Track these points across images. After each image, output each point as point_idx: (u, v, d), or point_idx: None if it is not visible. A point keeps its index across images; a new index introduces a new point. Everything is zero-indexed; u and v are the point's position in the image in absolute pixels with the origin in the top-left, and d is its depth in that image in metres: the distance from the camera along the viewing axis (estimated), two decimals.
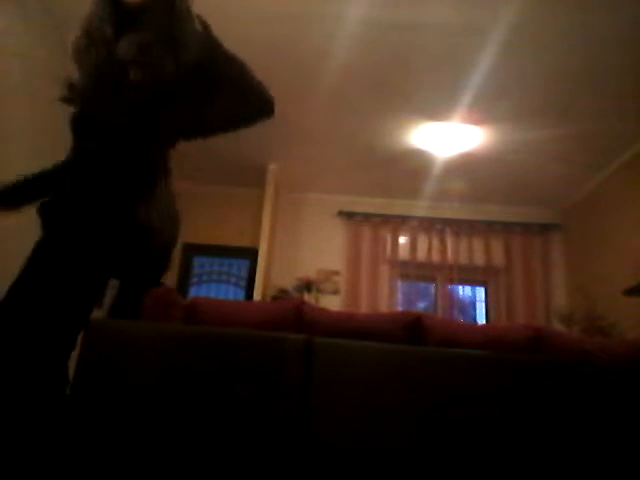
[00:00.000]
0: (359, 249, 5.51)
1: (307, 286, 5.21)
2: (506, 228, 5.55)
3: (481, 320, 5.57)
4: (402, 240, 5.58)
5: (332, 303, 5.09)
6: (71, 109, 1.59)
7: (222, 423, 1.70)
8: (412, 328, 1.95)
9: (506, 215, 5.58)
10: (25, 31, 3.28)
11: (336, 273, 5.45)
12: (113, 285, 1.62)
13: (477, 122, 4.17)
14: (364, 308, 5.25)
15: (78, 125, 1.51)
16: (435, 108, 4.06)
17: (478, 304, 5.64)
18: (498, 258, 5.49)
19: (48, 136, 3.67)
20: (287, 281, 5.26)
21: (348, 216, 5.63)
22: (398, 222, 5.58)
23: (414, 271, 5.48)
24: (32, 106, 3.44)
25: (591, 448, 1.75)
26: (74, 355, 1.48)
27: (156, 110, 1.50)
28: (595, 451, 1.74)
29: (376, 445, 1.72)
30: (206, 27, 1.57)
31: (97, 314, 1.54)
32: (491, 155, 4.63)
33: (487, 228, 5.55)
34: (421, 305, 5.83)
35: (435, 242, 5.55)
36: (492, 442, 1.75)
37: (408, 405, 1.78)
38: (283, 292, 5.16)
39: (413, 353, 1.85)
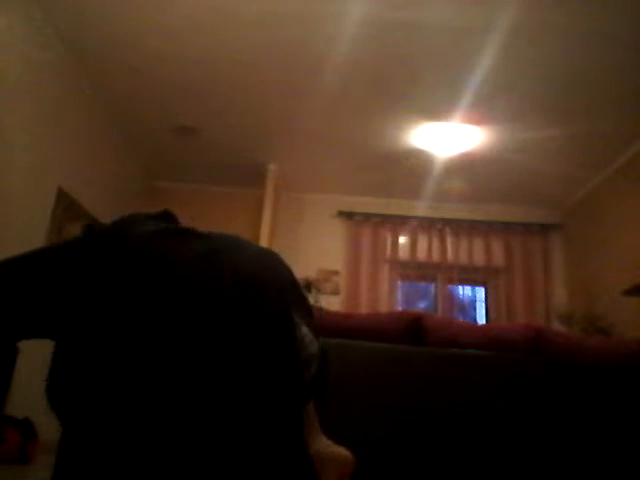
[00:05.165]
0: (359, 249, 5.51)
1: (307, 286, 5.20)
2: (506, 228, 5.55)
3: (481, 320, 5.57)
4: (402, 240, 5.58)
5: (332, 303, 5.09)
6: None
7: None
8: (412, 328, 1.95)
9: (506, 215, 5.59)
10: (25, 31, 3.28)
11: (336, 273, 5.45)
12: None
13: (477, 122, 4.18)
14: (364, 308, 5.25)
15: None
16: (435, 108, 4.06)
17: (478, 304, 5.64)
18: (498, 258, 5.49)
19: (48, 135, 3.67)
20: None
21: (348, 216, 5.63)
22: (398, 222, 5.58)
23: (414, 271, 5.48)
24: (32, 105, 3.44)
25: (591, 447, 1.75)
26: None
27: None
28: (595, 450, 1.74)
29: (375, 443, 1.72)
30: None
31: None
32: (491, 155, 4.63)
33: (487, 228, 5.55)
34: (421, 305, 5.83)
35: (435, 242, 5.55)
36: (492, 441, 1.75)
37: (408, 404, 1.78)
38: None
39: (413, 353, 1.85)
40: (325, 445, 1.09)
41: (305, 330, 1.03)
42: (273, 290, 0.97)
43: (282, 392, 0.91)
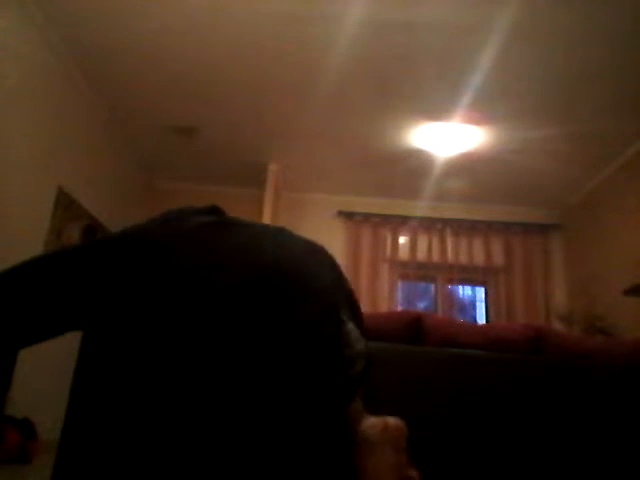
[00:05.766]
0: (359, 249, 5.51)
1: None
2: (506, 228, 5.55)
3: (481, 320, 5.57)
4: (402, 240, 5.58)
5: None
6: None
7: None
8: (412, 328, 1.95)
9: (506, 215, 5.59)
10: (25, 31, 3.28)
11: None
12: None
13: (477, 122, 4.18)
14: (364, 308, 5.23)
15: None
16: (435, 108, 4.06)
17: (478, 304, 5.64)
18: (498, 258, 5.49)
19: (48, 135, 3.68)
20: None
21: (348, 216, 5.63)
22: (398, 222, 5.58)
23: (414, 271, 5.48)
24: (33, 105, 3.44)
25: (591, 447, 1.74)
26: None
27: None
28: (595, 449, 1.74)
29: None
30: None
31: None
32: (491, 155, 4.63)
33: (487, 228, 5.55)
34: (421, 305, 5.83)
35: (435, 242, 5.55)
36: (492, 441, 1.75)
37: (407, 404, 1.78)
38: None
39: (413, 353, 1.85)
40: (369, 423, 1.03)
41: (351, 326, 0.98)
42: (318, 284, 0.95)
43: (325, 389, 0.88)
